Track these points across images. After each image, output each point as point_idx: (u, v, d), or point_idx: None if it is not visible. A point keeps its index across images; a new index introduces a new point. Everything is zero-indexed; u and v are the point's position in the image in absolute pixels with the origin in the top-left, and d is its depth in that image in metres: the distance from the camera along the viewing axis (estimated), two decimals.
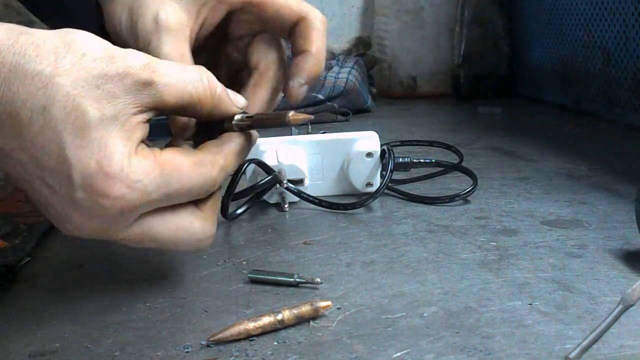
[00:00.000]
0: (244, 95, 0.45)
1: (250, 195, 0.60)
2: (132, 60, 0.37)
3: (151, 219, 0.39)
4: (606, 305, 0.41)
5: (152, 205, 0.38)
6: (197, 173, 0.40)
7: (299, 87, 0.49)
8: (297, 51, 0.49)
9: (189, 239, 0.41)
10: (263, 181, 0.60)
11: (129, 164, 0.37)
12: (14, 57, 0.35)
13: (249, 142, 0.44)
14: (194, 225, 0.41)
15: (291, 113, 0.41)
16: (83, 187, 0.36)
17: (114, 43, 0.39)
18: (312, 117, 0.44)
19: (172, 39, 0.46)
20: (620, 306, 0.39)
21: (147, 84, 0.37)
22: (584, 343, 0.35)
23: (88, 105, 0.36)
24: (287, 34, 0.50)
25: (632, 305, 0.39)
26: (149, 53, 0.42)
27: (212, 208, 0.42)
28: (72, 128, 0.36)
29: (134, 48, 0.41)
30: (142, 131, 0.38)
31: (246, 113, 0.43)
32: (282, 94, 0.51)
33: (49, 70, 0.35)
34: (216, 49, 0.52)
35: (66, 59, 0.36)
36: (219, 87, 0.40)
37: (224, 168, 0.42)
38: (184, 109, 0.39)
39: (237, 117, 0.42)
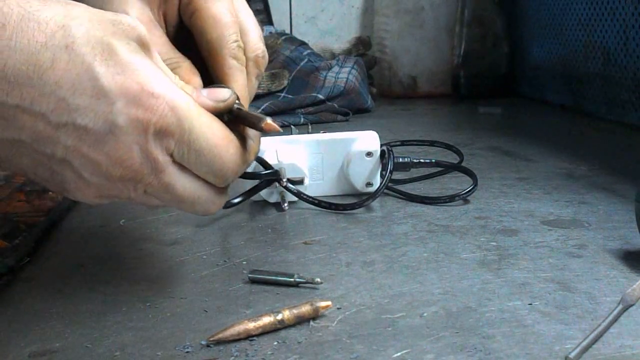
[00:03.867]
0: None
1: (250, 189, 0.60)
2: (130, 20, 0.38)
3: (179, 173, 0.39)
4: (606, 305, 0.41)
5: (181, 148, 0.38)
6: (227, 148, 0.40)
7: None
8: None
9: (205, 202, 0.41)
10: (264, 172, 0.60)
11: (172, 88, 0.37)
12: (20, 7, 0.35)
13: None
14: (212, 192, 0.41)
15: (268, 120, 0.41)
16: (126, 111, 0.36)
17: None
18: (281, 130, 0.44)
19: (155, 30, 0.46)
20: (620, 306, 0.39)
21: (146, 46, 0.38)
22: (584, 343, 0.35)
23: (112, 38, 0.36)
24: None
25: (632, 305, 0.39)
26: None
27: (226, 189, 0.43)
28: (102, 59, 0.36)
29: None
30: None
31: (238, 103, 0.42)
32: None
33: (61, 15, 0.35)
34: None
35: (74, 9, 0.36)
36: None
37: (248, 162, 0.43)
38: None
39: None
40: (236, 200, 0.60)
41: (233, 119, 0.42)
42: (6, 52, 0.34)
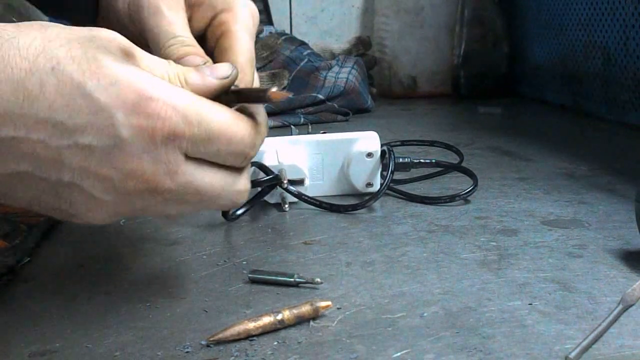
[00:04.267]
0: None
1: (253, 197, 0.60)
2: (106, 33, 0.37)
3: (194, 169, 0.38)
4: (606, 305, 0.41)
5: (195, 143, 0.37)
6: (238, 125, 0.39)
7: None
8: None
9: (229, 191, 0.40)
10: (265, 178, 0.60)
11: (168, 88, 0.36)
12: None
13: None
14: (233, 177, 0.40)
15: (273, 89, 0.40)
16: (128, 122, 0.35)
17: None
18: (291, 94, 0.43)
19: (176, 14, 0.46)
20: (620, 306, 0.39)
21: (130, 54, 0.38)
22: (584, 343, 0.35)
23: (96, 52, 0.35)
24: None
25: (632, 305, 0.39)
26: (152, 31, 0.45)
27: (246, 169, 0.42)
28: (91, 73, 0.35)
29: (136, 37, 0.44)
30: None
31: (236, 86, 0.41)
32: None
33: (39, 39, 0.35)
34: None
35: (50, 30, 0.35)
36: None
37: (262, 135, 0.41)
38: None
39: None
40: (240, 212, 0.60)
41: (235, 98, 0.41)
42: None
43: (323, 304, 0.40)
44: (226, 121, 0.39)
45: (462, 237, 0.54)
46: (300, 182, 0.63)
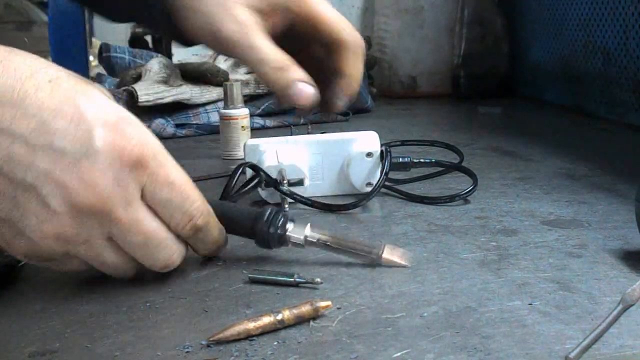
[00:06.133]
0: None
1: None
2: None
3: (145, 210, 0.41)
4: (606, 305, 0.41)
5: (153, 181, 0.40)
6: (196, 190, 0.44)
7: (339, 103, 0.58)
8: (336, 71, 0.57)
9: (168, 245, 0.43)
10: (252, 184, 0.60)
11: (146, 130, 0.41)
12: (3, 49, 0.39)
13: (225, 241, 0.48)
14: (173, 237, 0.43)
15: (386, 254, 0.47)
16: (104, 136, 0.38)
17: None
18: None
19: (260, 34, 0.52)
20: (620, 306, 0.39)
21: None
22: (584, 343, 0.35)
23: (87, 84, 0.40)
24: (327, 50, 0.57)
25: (632, 305, 0.39)
26: (238, 50, 0.52)
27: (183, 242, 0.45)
28: (84, 94, 0.39)
29: (217, 51, 0.53)
30: None
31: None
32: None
33: (44, 61, 0.39)
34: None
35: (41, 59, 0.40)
36: None
37: (214, 223, 0.46)
38: None
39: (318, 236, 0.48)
40: None
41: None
42: None
43: (323, 304, 0.40)
44: (188, 180, 0.43)
45: (462, 237, 0.54)
46: (300, 182, 0.63)
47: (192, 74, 1.07)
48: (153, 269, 0.44)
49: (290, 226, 0.48)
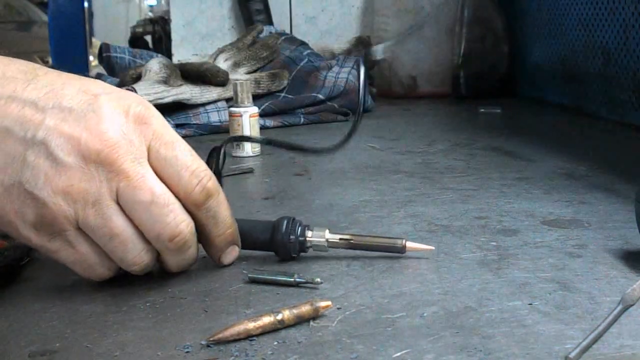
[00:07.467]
0: None
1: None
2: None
3: (120, 212, 0.41)
4: (606, 305, 0.41)
5: (162, 139, 0.42)
6: (175, 200, 0.43)
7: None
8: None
9: (132, 249, 0.42)
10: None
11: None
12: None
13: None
14: (142, 240, 0.42)
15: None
16: (109, 99, 0.41)
17: None
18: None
19: None
20: (620, 306, 0.39)
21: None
22: (584, 343, 0.35)
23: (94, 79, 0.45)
24: None
25: (632, 305, 0.39)
26: None
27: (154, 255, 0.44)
28: (89, 79, 0.43)
29: None
30: None
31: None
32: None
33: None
34: None
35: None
36: None
37: (188, 228, 0.43)
38: None
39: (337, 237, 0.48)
40: None
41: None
42: (6, 62, 0.41)
43: (323, 304, 0.40)
44: (191, 148, 0.44)
45: (462, 237, 0.54)
46: None
47: (192, 74, 1.07)
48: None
49: (309, 232, 0.48)
